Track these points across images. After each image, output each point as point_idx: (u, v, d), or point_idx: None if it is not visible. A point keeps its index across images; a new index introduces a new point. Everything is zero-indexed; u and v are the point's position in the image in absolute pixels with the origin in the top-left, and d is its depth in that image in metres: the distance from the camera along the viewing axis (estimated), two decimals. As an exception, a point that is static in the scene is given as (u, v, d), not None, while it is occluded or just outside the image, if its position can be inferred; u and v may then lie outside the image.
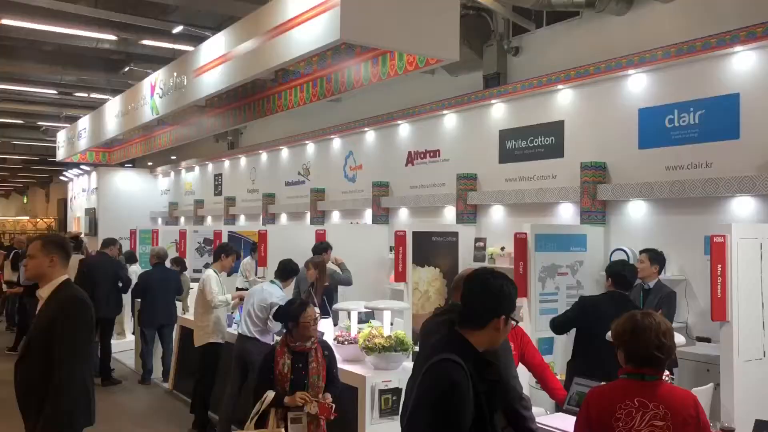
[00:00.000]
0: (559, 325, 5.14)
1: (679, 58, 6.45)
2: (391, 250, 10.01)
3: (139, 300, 9.06)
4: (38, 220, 34.10)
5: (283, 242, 9.32)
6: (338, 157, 11.79)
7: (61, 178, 24.66)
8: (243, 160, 15.29)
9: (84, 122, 13.34)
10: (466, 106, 8.91)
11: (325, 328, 5.84)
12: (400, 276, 8.10)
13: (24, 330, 10.40)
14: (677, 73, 6.64)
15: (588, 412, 2.65)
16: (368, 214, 10.89)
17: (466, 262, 8.61)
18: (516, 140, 8.28)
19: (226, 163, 16.06)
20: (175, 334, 8.73)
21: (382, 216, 10.40)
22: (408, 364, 5.28)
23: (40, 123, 16.98)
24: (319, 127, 12.13)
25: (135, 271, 10.96)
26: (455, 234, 8.61)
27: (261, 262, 9.57)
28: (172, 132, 12.66)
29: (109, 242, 8.98)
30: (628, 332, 2.65)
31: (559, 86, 7.66)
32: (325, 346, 4.62)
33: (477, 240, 8.59)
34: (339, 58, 7.30)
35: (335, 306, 6.07)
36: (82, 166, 19.92)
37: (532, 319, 6.53)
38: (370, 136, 11.00)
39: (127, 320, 11.47)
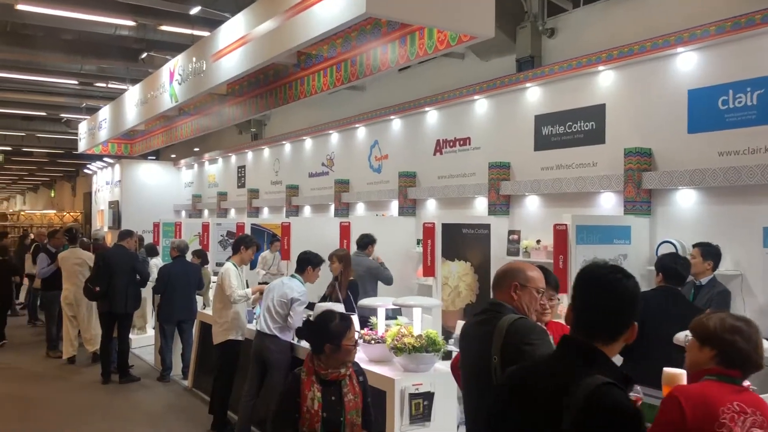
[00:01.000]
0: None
1: (735, 33, 5.90)
2: (418, 244, 9.59)
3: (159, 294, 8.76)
4: (65, 213, 34.25)
5: (307, 235, 9.02)
6: (363, 147, 11.38)
7: (86, 171, 24.62)
8: (266, 152, 14.96)
9: (104, 113, 13.11)
10: (498, 91, 8.42)
11: (350, 325, 5.42)
12: (429, 270, 7.68)
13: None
14: (731, 50, 6.09)
15: (681, 416, 2.19)
16: (394, 206, 10.47)
17: (497, 256, 8.15)
18: (553, 126, 7.78)
19: (250, 154, 15.74)
20: (195, 329, 8.42)
21: (409, 208, 9.97)
22: (441, 366, 4.86)
23: (62, 115, 16.82)
24: (343, 116, 11.73)
25: (156, 264, 10.68)
26: (487, 226, 8.15)
27: (284, 255, 9.26)
28: (193, 122, 12.37)
29: (126, 234, 8.67)
30: (726, 331, 2.32)
31: (600, 67, 7.14)
32: (359, 370, 3.58)
33: (510, 232, 8.12)
34: (364, 39, 6.87)
35: (362, 302, 5.65)
36: (105, 159, 19.80)
37: (572, 316, 6.05)
38: (396, 124, 10.56)
39: (148, 315, 11.21)
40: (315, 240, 8.60)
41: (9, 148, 24.83)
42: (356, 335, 3.61)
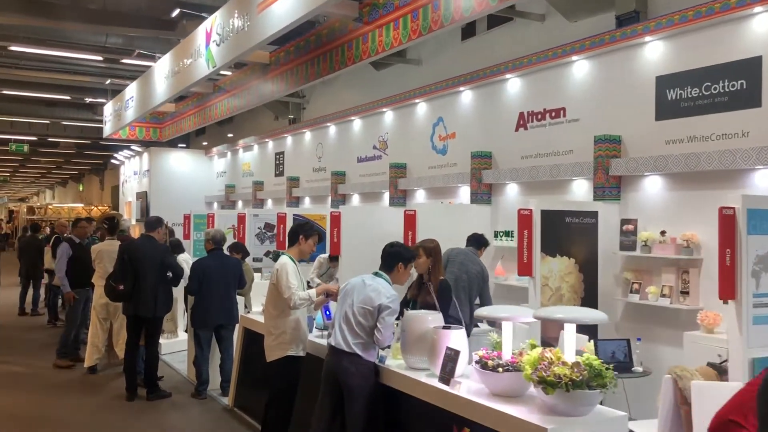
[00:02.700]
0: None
1: None
2: (496, 237, 8.09)
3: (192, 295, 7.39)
4: (93, 207, 33.37)
5: (360, 226, 7.65)
6: (424, 126, 9.89)
7: (113, 161, 23.53)
8: (308, 136, 13.55)
9: (131, 90, 11.83)
10: (605, 48, 6.87)
11: (458, 342, 3.96)
12: (526, 268, 6.19)
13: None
14: None
15: None
16: (464, 192, 8.99)
17: (607, 251, 6.65)
18: (683, 88, 6.20)
19: (289, 139, 14.35)
20: (236, 336, 7.05)
21: (484, 194, 8.46)
22: (604, 410, 3.39)
23: (87, 99, 15.59)
24: (397, 91, 10.27)
25: (185, 260, 9.38)
26: (594, 214, 6.64)
27: (333, 249, 7.88)
28: (229, 100, 11.02)
29: (155, 223, 7.29)
30: None
31: (757, 8, 5.55)
32: None
33: (624, 222, 6.58)
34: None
35: (481, 311, 4.18)
36: (133, 147, 18.61)
37: (743, 330, 4.52)
38: (465, 97, 9.05)
39: (179, 318, 9.88)
40: (372, 232, 7.35)
41: (34, 138, 23.85)
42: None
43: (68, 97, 16.18)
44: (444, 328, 4.15)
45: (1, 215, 47.79)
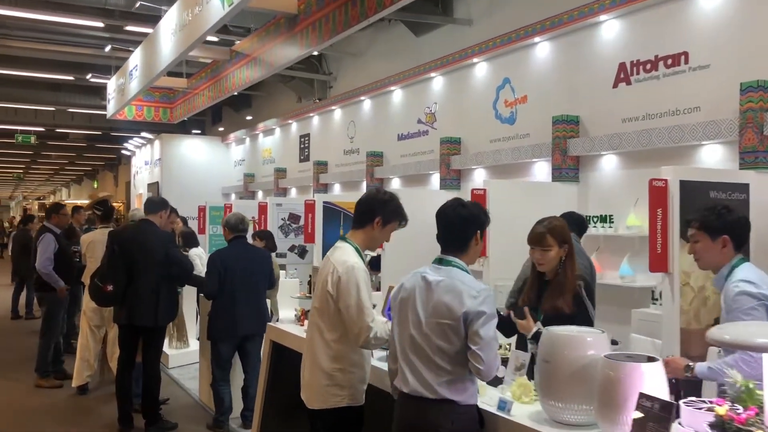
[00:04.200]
0: None
1: None
2: (588, 221, 6.35)
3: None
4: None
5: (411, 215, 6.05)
6: (485, 91, 8.17)
7: (124, 152, 22.06)
8: (337, 114, 11.87)
9: (135, 58, 10.22)
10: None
11: (657, 383, 2.25)
12: (660, 261, 4.47)
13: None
14: None
15: None
16: (540, 169, 7.27)
17: (764, 236, 4.87)
18: None
19: (315, 119, 12.68)
20: (263, 350, 5.39)
21: (569, 169, 6.71)
22: None
23: (89, 75, 13.93)
24: (444, 53, 8.57)
25: (198, 255, 7.77)
26: (743, 188, 4.88)
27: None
28: (248, 67, 9.39)
29: (158, 205, 5.61)
30: None
31: None
32: None
33: (789, 196, 4.82)
34: None
35: (715, 336, 2.45)
36: (144, 134, 17.09)
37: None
38: (541, 51, 7.31)
39: (190, 320, 8.28)
40: (421, 222, 5.89)
41: (41, 129, 22.45)
42: None
43: (71, 78, 14.65)
44: (613, 356, 2.45)
45: (17, 214, 47.02)
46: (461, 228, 2.78)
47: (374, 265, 6.13)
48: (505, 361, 3.09)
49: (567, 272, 3.22)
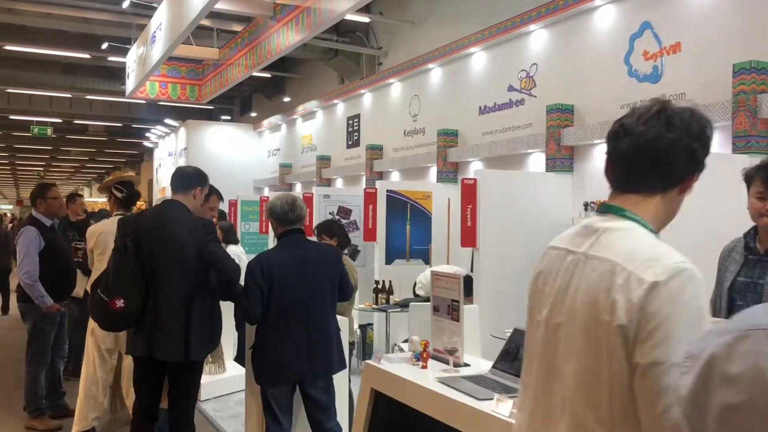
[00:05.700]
0: None
1: None
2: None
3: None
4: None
5: (501, 203, 5.10)
6: (613, 41, 6.26)
7: (146, 144, 20.45)
8: (395, 88, 10.03)
9: (159, 16, 8.45)
10: None
11: None
12: None
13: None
14: None
15: None
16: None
17: None
18: None
19: (367, 97, 10.86)
20: (342, 391, 3.54)
21: (761, 135, 4.79)
22: None
23: (104, 45, 12.15)
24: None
25: (237, 255, 5.91)
26: None
27: (465, 240, 4.59)
28: (290, 26, 7.59)
29: (190, 178, 3.77)
30: None
31: None
32: None
33: None
34: None
35: None
36: (167, 121, 15.40)
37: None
38: (702, -20, 5.40)
39: (226, 336, 6.46)
40: (520, 211, 5.29)
41: (58, 120, 20.95)
42: None
43: (87, 55, 12.98)
44: None
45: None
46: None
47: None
48: None
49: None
